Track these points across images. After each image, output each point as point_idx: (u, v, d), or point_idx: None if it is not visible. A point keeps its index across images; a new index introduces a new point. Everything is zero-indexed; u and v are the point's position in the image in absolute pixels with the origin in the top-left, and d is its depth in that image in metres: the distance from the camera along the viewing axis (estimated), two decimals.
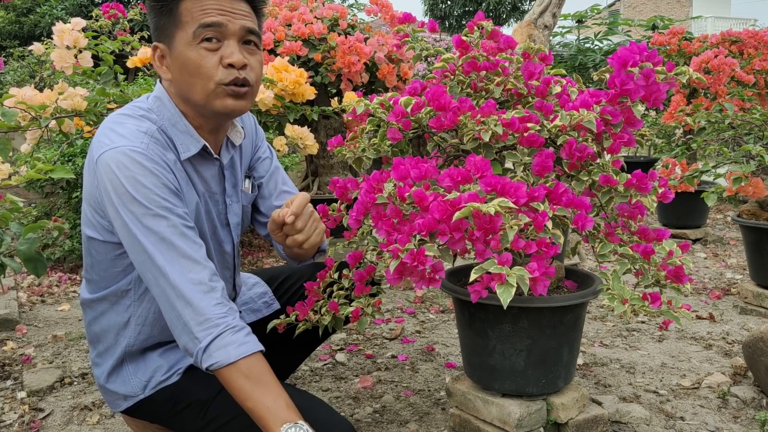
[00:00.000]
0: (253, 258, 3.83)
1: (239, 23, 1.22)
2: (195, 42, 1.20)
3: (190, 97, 1.25)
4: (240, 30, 1.23)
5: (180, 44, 1.22)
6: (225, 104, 1.24)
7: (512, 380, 1.59)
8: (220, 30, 1.21)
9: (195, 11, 1.20)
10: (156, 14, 1.24)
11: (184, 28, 1.21)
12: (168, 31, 1.23)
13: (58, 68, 2.27)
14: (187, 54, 1.21)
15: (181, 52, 1.22)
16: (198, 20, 1.20)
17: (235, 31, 1.22)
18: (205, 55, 1.21)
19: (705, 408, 1.93)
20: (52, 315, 2.90)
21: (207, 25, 1.20)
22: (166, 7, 1.22)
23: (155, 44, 1.27)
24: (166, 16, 1.22)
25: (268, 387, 1.10)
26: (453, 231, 1.23)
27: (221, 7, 1.21)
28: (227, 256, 1.43)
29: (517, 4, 18.85)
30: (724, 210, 5.32)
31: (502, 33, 1.65)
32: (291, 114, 2.77)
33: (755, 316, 2.79)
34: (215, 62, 1.21)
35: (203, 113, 1.27)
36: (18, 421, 1.88)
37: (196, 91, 1.23)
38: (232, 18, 1.22)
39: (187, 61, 1.21)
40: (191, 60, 1.21)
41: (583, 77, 6.18)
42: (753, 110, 3.00)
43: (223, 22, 1.21)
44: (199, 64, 1.21)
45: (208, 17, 1.20)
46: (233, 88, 1.23)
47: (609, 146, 1.46)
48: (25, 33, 10.87)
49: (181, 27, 1.21)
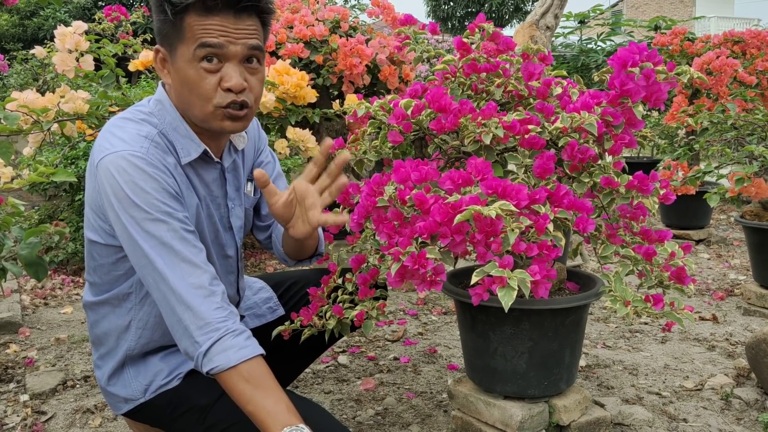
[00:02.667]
0: (256, 260, 3.83)
1: (241, 43, 1.19)
2: (195, 60, 1.18)
3: (189, 112, 1.25)
4: (242, 51, 1.20)
5: (181, 59, 1.20)
6: (222, 126, 1.23)
7: (514, 382, 1.59)
8: (221, 51, 1.18)
9: (197, 29, 1.17)
10: (161, 19, 1.22)
11: (186, 44, 1.19)
12: (171, 40, 1.21)
13: (60, 71, 2.28)
14: (187, 71, 1.19)
15: (181, 68, 1.20)
16: (199, 39, 1.17)
17: (236, 52, 1.19)
18: (204, 76, 1.19)
19: (708, 410, 1.92)
20: (55, 318, 2.91)
21: (207, 45, 1.17)
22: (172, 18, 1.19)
23: (158, 47, 1.25)
24: (170, 26, 1.20)
25: (268, 391, 1.10)
26: (454, 234, 1.23)
27: (224, 29, 1.18)
28: (230, 260, 1.43)
29: (520, 5, 18.85)
30: (728, 211, 5.31)
31: (503, 35, 1.65)
32: (292, 116, 2.77)
33: (759, 317, 2.78)
34: (214, 84, 1.19)
35: (202, 127, 1.27)
36: (21, 424, 1.89)
37: (194, 109, 1.23)
38: (234, 39, 1.19)
39: (186, 78, 1.20)
40: (190, 78, 1.19)
41: (585, 78, 6.18)
42: (756, 111, 2.99)
43: (223, 44, 1.18)
44: (198, 84, 1.19)
45: (209, 37, 1.17)
46: (230, 111, 1.21)
47: (610, 148, 1.45)
48: (29, 36, 10.90)
49: (184, 41, 1.19)
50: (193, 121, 1.27)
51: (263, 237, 1.54)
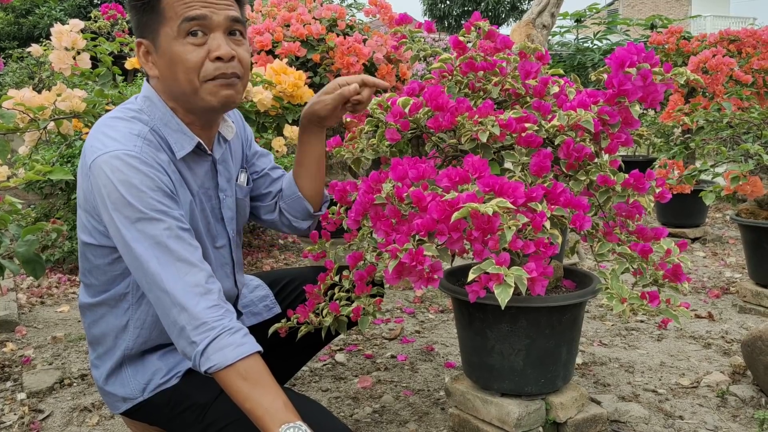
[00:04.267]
0: (253, 258, 3.83)
1: (224, 14, 1.21)
2: (180, 37, 1.19)
3: (179, 92, 1.24)
4: (225, 21, 1.21)
5: (165, 40, 1.20)
6: (215, 98, 1.23)
7: (511, 380, 1.59)
8: (205, 23, 1.19)
9: (177, 6, 1.18)
10: (137, 11, 1.23)
11: (168, 24, 1.19)
12: (151, 27, 1.21)
13: (57, 70, 2.27)
14: (174, 49, 1.20)
15: (166, 49, 1.20)
16: (182, 15, 1.18)
17: (221, 22, 1.20)
18: (191, 50, 1.19)
19: (704, 407, 1.93)
20: (52, 316, 2.90)
21: (191, 18, 1.18)
22: (148, 4, 1.20)
23: (139, 41, 1.25)
24: (148, 13, 1.21)
25: (266, 388, 1.10)
26: (451, 231, 1.24)
27: (204, 1, 1.19)
28: (222, 251, 1.42)
29: (516, 3, 18.85)
30: (723, 209, 5.32)
31: (499, 33, 1.65)
32: (290, 115, 2.77)
33: (754, 314, 2.79)
34: (202, 56, 1.20)
35: (193, 109, 1.26)
36: (18, 423, 1.89)
37: (182, 86, 1.22)
38: (216, 9, 1.20)
39: (173, 56, 1.20)
40: (178, 55, 1.19)
41: (581, 77, 6.19)
42: (751, 109, 3.00)
43: (207, 15, 1.19)
44: (185, 59, 1.19)
45: (191, 10, 1.18)
46: (222, 80, 1.22)
47: (606, 146, 1.46)
48: (24, 34, 10.86)
49: (165, 23, 1.19)
50: (184, 107, 1.26)
51: (274, 216, 1.55)
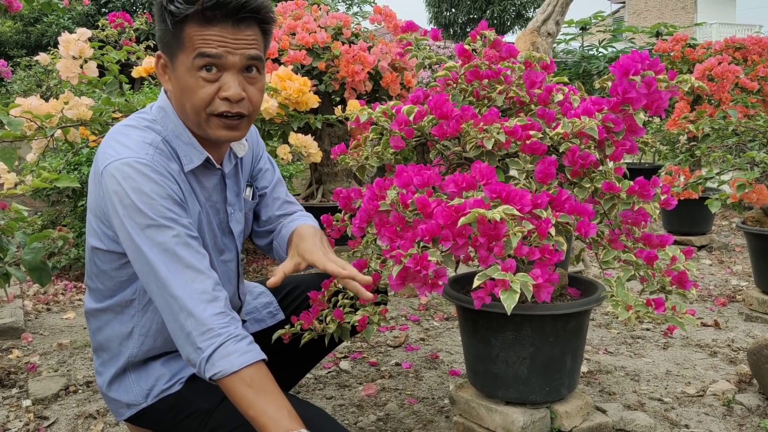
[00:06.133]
0: (258, 265, 3.84)
1: (240, 53, 1.20)
2: (194, 69, 1.19)
3: (185, 118, 1.26)
4: (241, 60, 1.21)
5: (180, 67, 1.21)
6: (217, 134, 1.25)
7: (516, 388, 1.59)
8: (219, 62, 1.19)
9: (196, 39, 1.18)
10: (163, 27, 1.23)
11: (186, 52, 1.20)
12: (171, 49, 1.22)
13: (64, 78, 2.29)
14: (186, 80, 1.21)
15: (180, 76, 1.22)
16: (197, 49, 1.18)
17: (235, 63, 1.20)
18: (202, 85, 1.20)
19: (710, 416, 1.92)
20: (58, 323, 2.91)
21: (206, 55, 1.18)
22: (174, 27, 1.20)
23: (159, 53, 1.27)
24: (170, 35, 1.21)
25: (270, 396, 1.10)
26: (456, 237, 1.24)
27: (223, 39, 1.18)
28: (230, 264, 1.43)
29: (521, 11, 18.91)
30: (730, 216, 5.31)
31: (505, 42, 1.66)
32: (295, 122, 2.78)
33: (761, 323, 2.78)
34: (211, 93, 1.21)
35: (199, 133, 1.28)
36: (23, 429, 1.89)
37: (189, 116, 1.24)
38: (233, 50, 1.19)
39: (185, 87, 1.21)
40: (189, 87, 1.21)
41: (587, 84, 6.19)
42: (757, 117, 3.00)
43: (221, 54, 1.19)
44: (195, 93, 1.20)
45: (208, 48, 1.18)
46: (226, 121, 1.23)
47: (611, 153, 1.46)
48: (32, 42, 10.95)
49: (183, 50, 1.20)
50: (192, 128, 1.28)
51: (264, 243, 1.54)
